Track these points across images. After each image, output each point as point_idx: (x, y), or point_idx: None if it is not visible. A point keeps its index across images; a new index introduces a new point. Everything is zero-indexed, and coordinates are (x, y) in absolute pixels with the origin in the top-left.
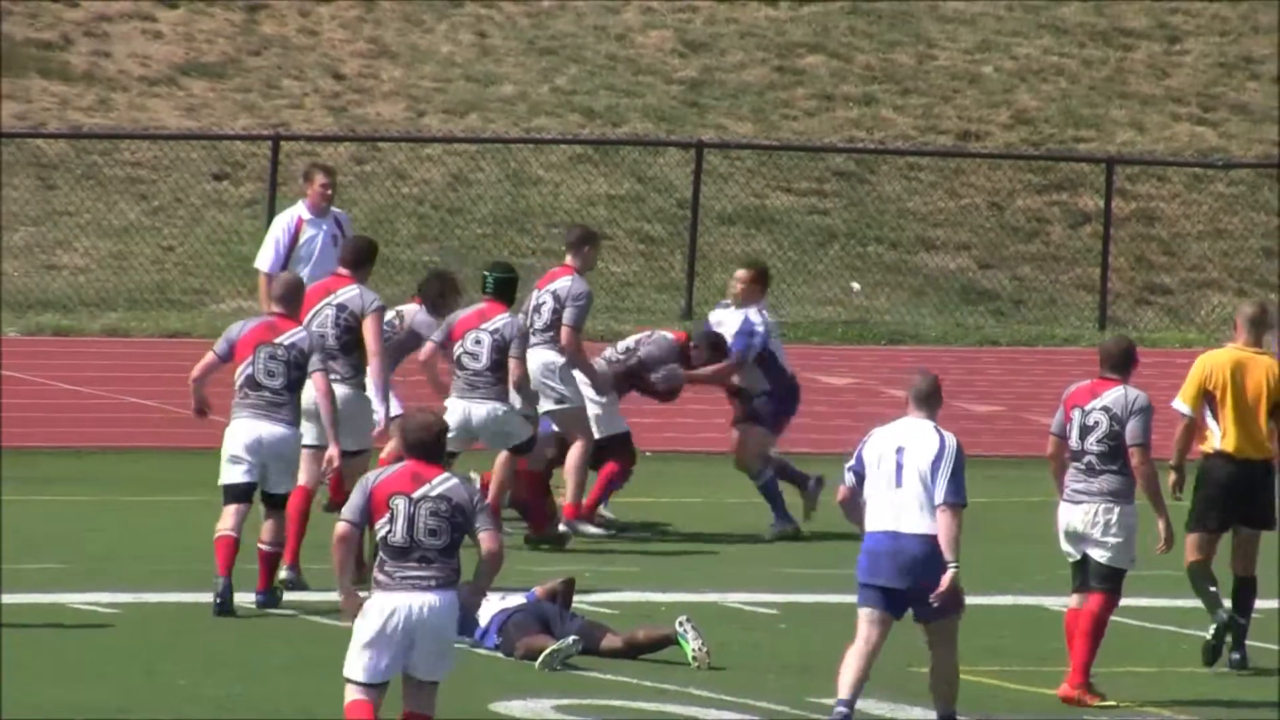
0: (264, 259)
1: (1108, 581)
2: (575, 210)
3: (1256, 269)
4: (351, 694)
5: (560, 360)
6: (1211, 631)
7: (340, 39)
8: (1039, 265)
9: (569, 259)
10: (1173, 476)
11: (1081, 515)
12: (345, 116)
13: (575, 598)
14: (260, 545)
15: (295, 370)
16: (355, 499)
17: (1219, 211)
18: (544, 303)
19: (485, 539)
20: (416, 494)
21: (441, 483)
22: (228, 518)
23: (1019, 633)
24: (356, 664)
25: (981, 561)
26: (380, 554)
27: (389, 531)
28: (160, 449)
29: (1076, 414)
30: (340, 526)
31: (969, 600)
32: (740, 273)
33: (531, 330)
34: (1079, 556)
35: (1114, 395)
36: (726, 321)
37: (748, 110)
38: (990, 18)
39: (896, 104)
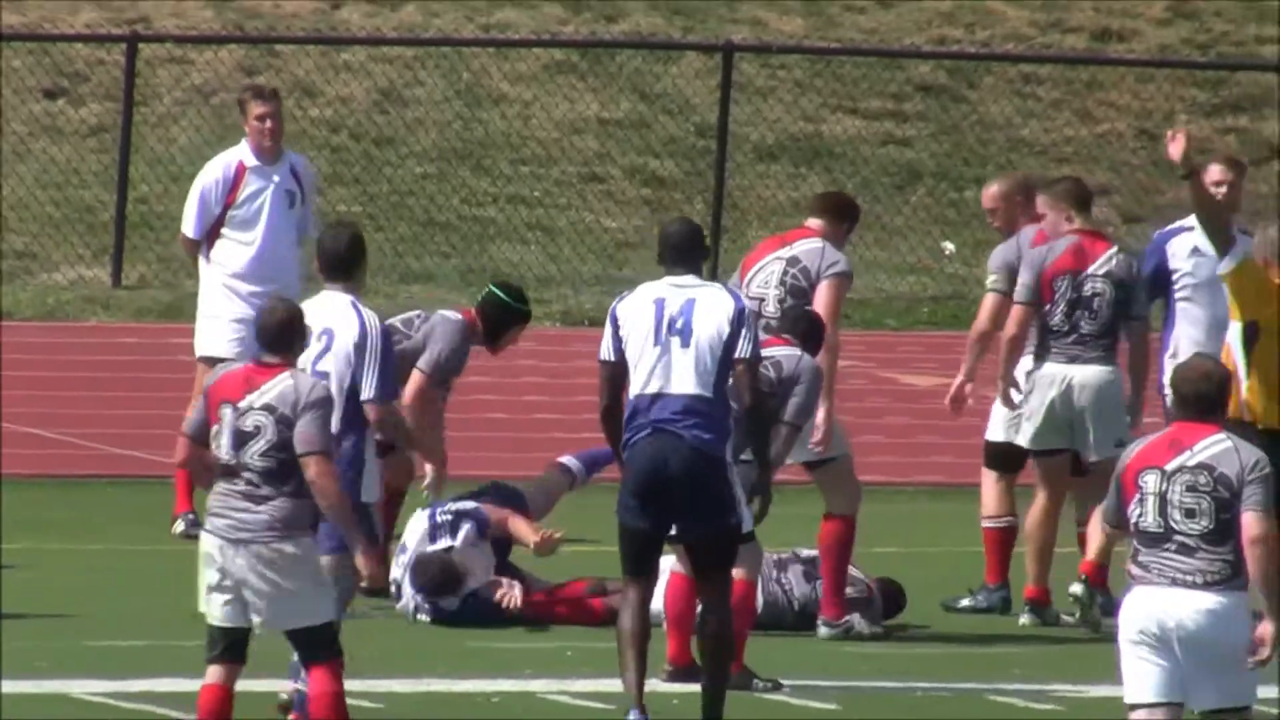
0: (187, 219)
1: None
2: (554, 141)
3: None
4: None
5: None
6: None
7: None
8: None
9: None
10: None
11: None
12: (229, 9)
13: (553, 684)
14: None
15: None
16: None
17: None
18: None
19: (1246, 521)
20: (1170, 465)
21: (1206, 447)
22: None
23: None
24: (1126, 679)
25: None
26: (1135, 542)
27: (1140, 515)
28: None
29: None
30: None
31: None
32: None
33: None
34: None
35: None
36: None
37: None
38: None
39: None
